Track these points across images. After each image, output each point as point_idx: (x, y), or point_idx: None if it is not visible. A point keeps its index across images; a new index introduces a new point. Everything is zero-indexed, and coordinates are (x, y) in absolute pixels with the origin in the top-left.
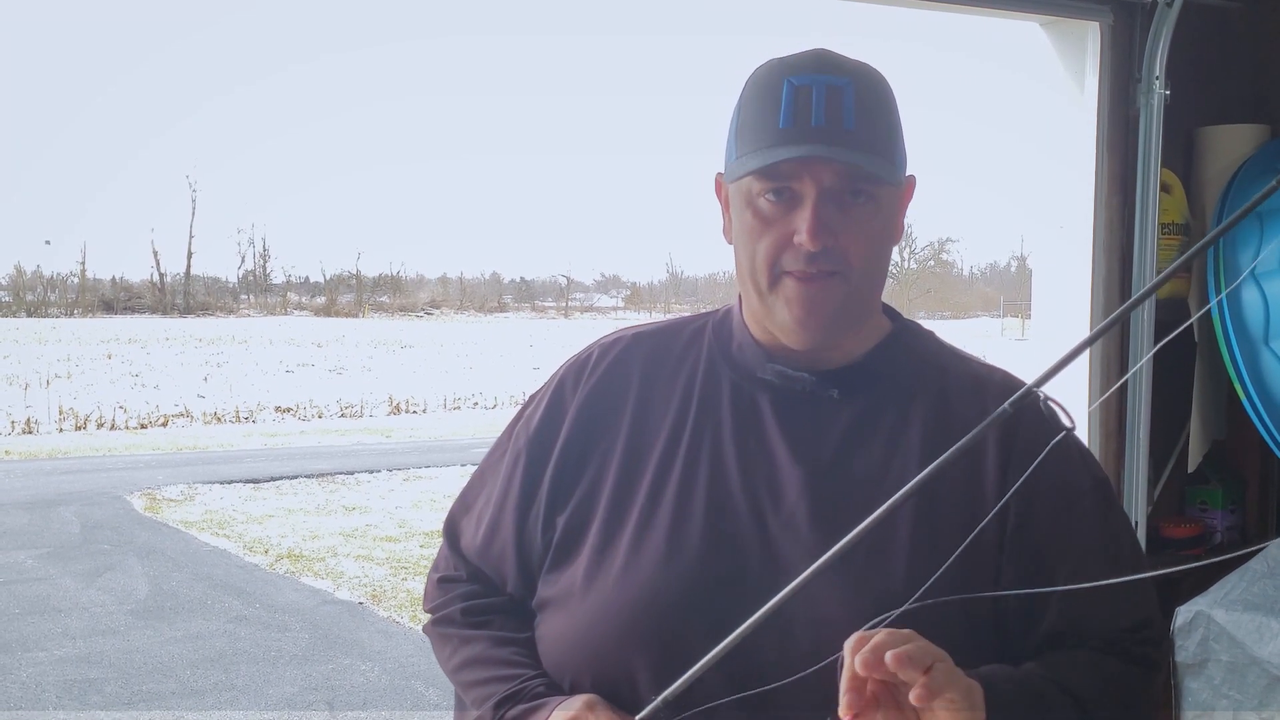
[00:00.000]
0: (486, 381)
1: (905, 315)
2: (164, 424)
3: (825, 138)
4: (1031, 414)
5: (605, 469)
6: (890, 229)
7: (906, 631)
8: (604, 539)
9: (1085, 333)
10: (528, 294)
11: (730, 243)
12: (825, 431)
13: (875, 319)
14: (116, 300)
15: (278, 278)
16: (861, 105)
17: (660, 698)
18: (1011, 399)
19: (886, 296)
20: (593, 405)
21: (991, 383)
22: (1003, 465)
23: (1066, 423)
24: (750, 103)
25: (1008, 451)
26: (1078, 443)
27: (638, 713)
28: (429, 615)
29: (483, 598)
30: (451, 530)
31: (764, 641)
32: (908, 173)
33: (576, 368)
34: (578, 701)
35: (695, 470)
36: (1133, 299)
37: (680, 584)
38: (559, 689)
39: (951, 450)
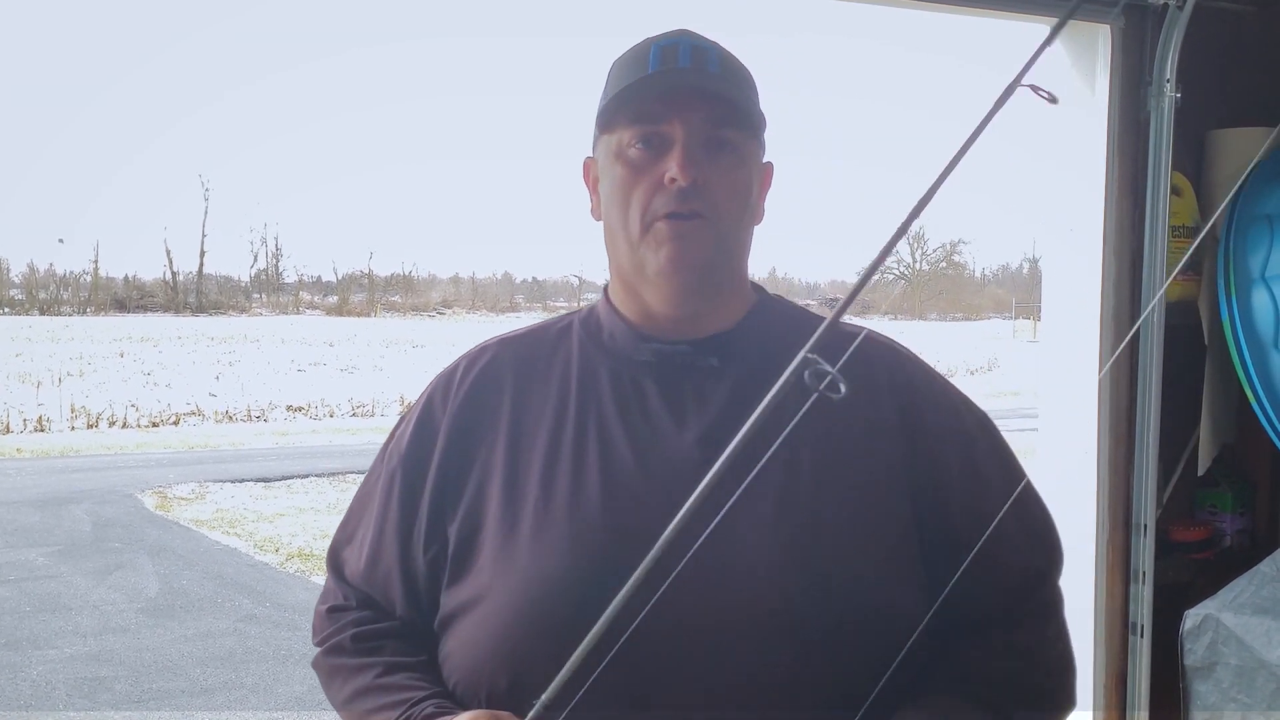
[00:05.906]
0: None
1: (917, 318)
2: (175, 422)
3: (692, 75)
4: (912, 362)
5: (489, 473)
6: (752, 190)
7: None
8: (502, 539)
9: (1094, 335)
10: (540, 294)
11: (599, 219)
12: (710, 399)
13: (743, 289)
14: (129, 299)
15: (290, 277)
16: (725, 62)
17: (539, 703)
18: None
19: (898, 299)
20: (465, 415)
21: (862, 338)
22: (901, 407)
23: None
24: (617, 69)
25: (900, 394)
26: (956, 390)
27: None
28: (317, 648)
29: (373, 624)
30: (335, 561)
31: (676, 598)
32: (765, 159)
33: (444, 382)
34: (466, 717)
35: (584, 456)
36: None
37: (589, 567)
38: (450, 708)
39: (774, 390)
